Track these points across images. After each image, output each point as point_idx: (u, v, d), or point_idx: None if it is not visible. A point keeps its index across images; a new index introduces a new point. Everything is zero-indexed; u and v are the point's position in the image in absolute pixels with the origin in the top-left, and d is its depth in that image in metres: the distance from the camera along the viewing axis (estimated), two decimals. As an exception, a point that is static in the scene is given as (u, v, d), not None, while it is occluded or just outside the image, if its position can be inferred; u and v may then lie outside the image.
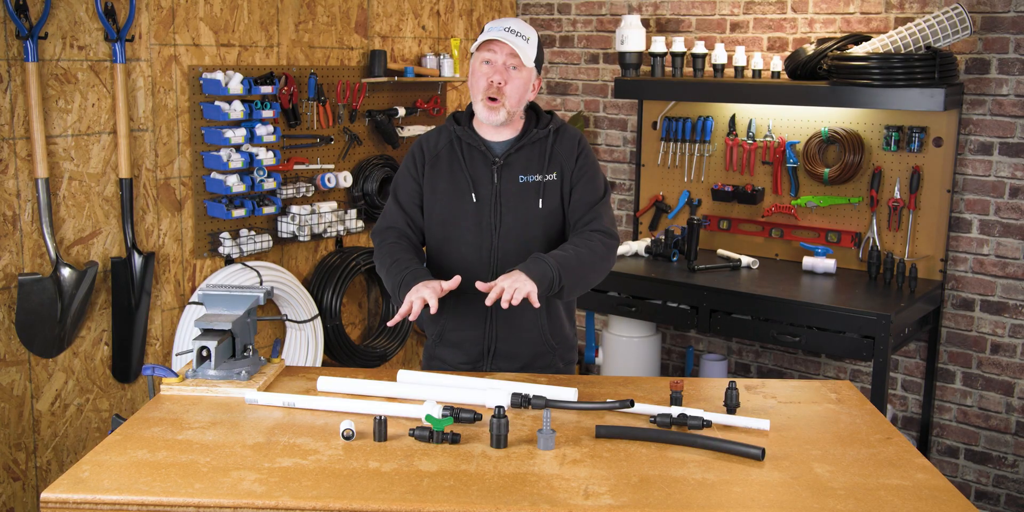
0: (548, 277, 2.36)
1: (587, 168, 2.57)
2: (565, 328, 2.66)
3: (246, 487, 1.80)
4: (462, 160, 2.55)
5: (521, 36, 2.47)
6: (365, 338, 4.39)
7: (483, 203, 2.53)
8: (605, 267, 2.52)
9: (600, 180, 2.59)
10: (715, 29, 4.31)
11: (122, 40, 3.23)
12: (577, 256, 2.43)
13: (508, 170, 2.53)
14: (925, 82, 3.49)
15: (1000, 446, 3.84)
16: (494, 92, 2.46)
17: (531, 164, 2.54)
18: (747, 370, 4.48)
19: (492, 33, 2.46)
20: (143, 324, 3.42)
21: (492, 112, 2.48)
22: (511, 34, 2.46)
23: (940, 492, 1.85)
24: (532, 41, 2.50)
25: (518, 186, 2.53)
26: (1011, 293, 3.74)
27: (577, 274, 2.43)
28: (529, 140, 2.54)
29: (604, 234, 2.52)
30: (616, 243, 2.55)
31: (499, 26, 2.48)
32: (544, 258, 2.39)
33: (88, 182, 3.26)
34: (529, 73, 2.50)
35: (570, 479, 1.86)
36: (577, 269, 2.42)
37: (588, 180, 2.56)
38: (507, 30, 2.46)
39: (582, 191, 2.55)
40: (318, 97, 3.92)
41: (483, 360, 2.61)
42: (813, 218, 4.11)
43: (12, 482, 3.19)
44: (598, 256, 2.47)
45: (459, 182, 2.55)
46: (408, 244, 2.58)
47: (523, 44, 2.47)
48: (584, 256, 2.44)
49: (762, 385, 2.45)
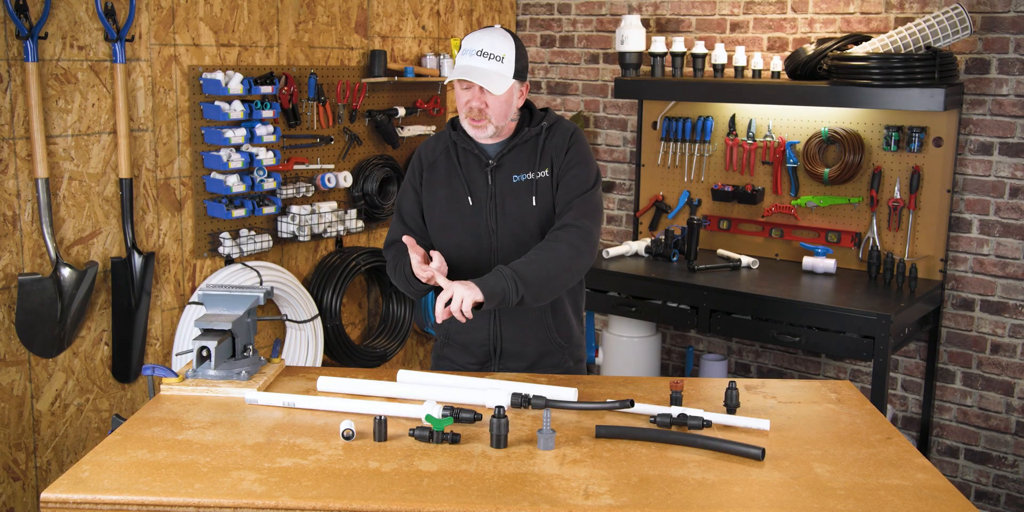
0: (500, 288, 2.32)
1: (575, 159, 2.52)
2: (572, 326, 2.66)
3: (246, 487, 1.80)
4: (458, 165, 2.56)
5: (495, 58, 2.43)
6: (365, 338, 4.39)
7: (479, 206, 2.54)
8: (576, 266, 2.46)
9: (590, 171, 2.54)
10: (715, 29, 4.31)
11: (122, 40, 3.23)
12: (542, 262, 2.39)
13: (501, 171, 2.53)
14: (925, 82, 3.49)
15: (1000, 446, 3.84)
16: (475, 114, 2.47)
17: (523, 163, 2.53)
18: (747, 370, 4.48)
19: (460, 68, 2.44)
20: (143, 324, 3.42)
21: (479, 130, 2.49)
22: (483, 59, 2.42)
23: (940, 492, 1.85)
24: (508, 57, 2.45)
25: (512, 186, 2.53)
26: (1011, 293, 3.74)
27: (541, 281, 2.38)
28: (521, 139, 2.53)
29: (573, 229, 2.46)
30: (586, 235, 2.47)
31: (472, 49, 2.44)
32: (502, 269, 2.36)
33: (88, 182, 3.26)
34: (509, 91, 2.46)
35: (570, 479, 1.86)
36: (541, 276, 2.38)
37: (574, 173, 2.52)
38: (480, 54, 2.43)
39: (566, 184, 2.52)
40: (318, 97, 3.92)
41: (491, 360, 2.62)
42: (813, 218, 4.11)
43: (12, 482, 3.19)
44: (565, 258, 2.42)
45: (455, 187, 2.56)
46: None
47: (496, 68, 2.43)
48: (549, 261, 2.40)
49: (762, 385, 2.45)
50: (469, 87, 2.46)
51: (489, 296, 2.31)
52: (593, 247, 2.50)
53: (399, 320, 4.37)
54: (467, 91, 2.47)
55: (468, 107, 2.47)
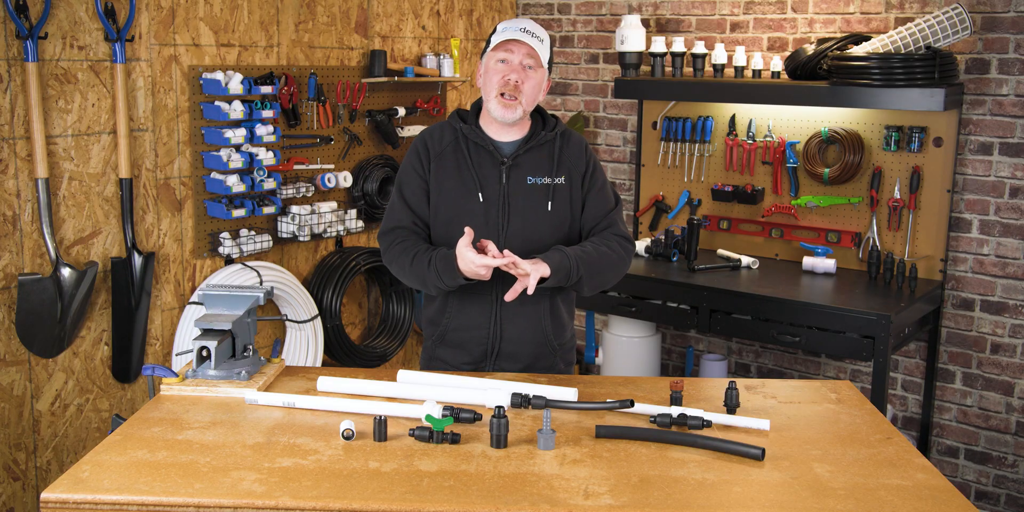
0: (565, 266, 2.40)
1: (598, 178, 2.61)
2: (567, 330, 2.67)
3: (246, 487, 1.80)
4: (468, 159, 2.52)
5: (536, 37, 2.49)
6: (365, 338, 4.39)
7: (490, 203, 2.51)
8: (622, 268, 2.57)
9: (610, 189, 2.65)
10: (715, 29, 4.31)
11: (122, 40, 3.23)
12: (597, 252, 2.48)
13: (516, 171, 2.53)
14: (925, 82, 3.49)
15: (1000, 446, 3.84)
16: (511, 89, 2.46)
17: (540, 166, 2.54)
18: (747, 370, 4.48)
19: (509, 33, 2.47)
20: (143, 324, 3.42)
21: (508, 110, 2.47)
22: (527, 35, 2.47)
23: (940, 492, 1.85)
24: (546, 43, 2.52)
25: (526, 187, 2.52)
26: (1011, 293, 3.74)
27: (595, 269, 2.47)
28: (537, 142, 2.54)
29: (622, 238, 2.57)
30: (633, 248, 2.60)
31: (515, 26, 2.49)
32: (563, 249, 2.44)
33: (88, 182, 3.26)
34: (543, 73, 2.52)
35: (570, 479, 1.86)
36: (596, 264, 2.47)
37: (600, 189, 2.60)
38: (523, 31, 2.47)
39: (595, 199, 2.59)
40: (318, 97, 3.92)
41: (486, 360, 2.59)
42: (813, 218, 4.11)
43: (12, 482, 3.19)
44: (616, 256, 2.52)
45: (466, 181, 2.52)
46: (421, 240, 2.54)
47: (539, 45, 2.49)
48: (604, 253, 2.49)
49: (762, 385, 2.45)
50: (507, 61, 2.47)
51: (555, 271, 2.38)
52: (631, 259, 2.62)
53: (399, 320, 4.37)
54: (504, 64, 2.47)
55: (505, 81, 2.46)
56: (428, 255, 2.43)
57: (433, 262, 2.40)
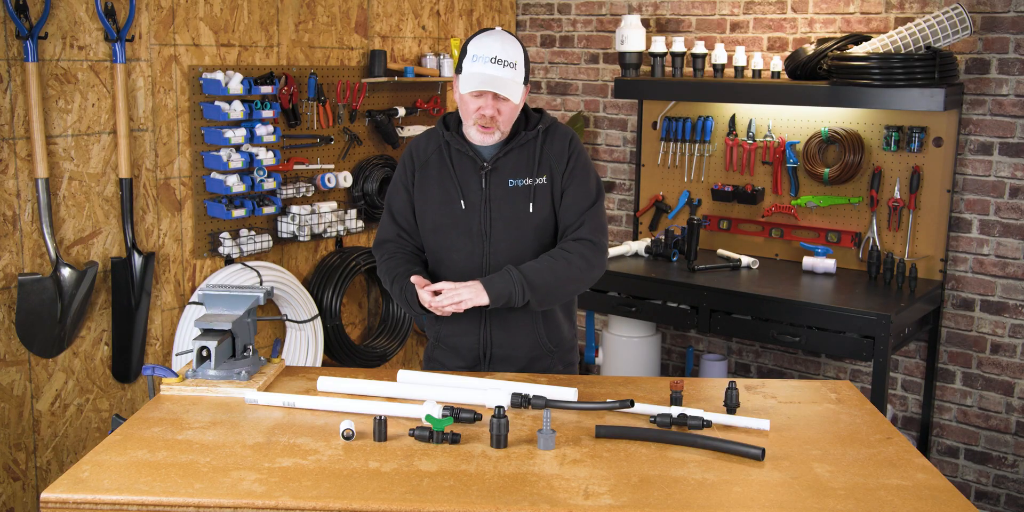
0: (507, 292, 2.38)
1: (578, 171, 2.51)
2: (563, 330, 2.64)
3: (246, 487, 1.81)
4: (451, 166, 2.52)
5: (508, 65, 2.39)
6: (365, 338, 4.39)
7: (472, 209, 2.50)
8: (586, 278, 2.49)
9: (592, 183, 2.54)
10: (715, 29, 4.31)
11: (122, 40, 3.23)
12: (552, 269, 2.42)
13: (496, 175, 2.50)
14: (925, 82, 3.49)
15: (1000, 446, 3.84)
16: (487, 122, 2.42)
17: (520, 168, 2.50)
18: (747, 370, 4.48)
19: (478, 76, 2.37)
20: (143, 324, 3.42)
21: (487, 135, 2.45)
22: (498, 66, 2.37)
23: (940, 492, 1.85)
24: (520, 64, 2.42)
25: (507, 191, 2.49)
26: (1011, 293, 3.74)
27: (549, 287, 2.42)
28: (518, 143, 2.49)
29: (588, 243, 2.48)
30: (601, 251, 2.50)
31: (485, 56, 2.38)
32: (511, 271, 2.40)
33: (88, 182, 3.26)
34: (521, 94, 2.44)
35: (570, 479, 1.86)
36: (550, 283, 2.42)
37: (579, 184, 2.51)
38: (494, 61, 2.37)
39: (573, 195, 2.51)
40: (318, 97, 3.92)
41: (480, 364, 2.60)
42: (813, 218, 4.11)
43: (12, 482, 3.19)
44: (576, 269, 2.45)
45: (448, 188, 2.52)
46: (404, 256, 2.60)
47: (511, 76, 2.39)
48: (560, 269, 2.43)
49: (762, 385, 2.45)
50: (482, 95, 2.40)
51: (495, 299, 2.38)
52: (604, 261, 2.54)
53: (399, 320, 4.37)
54: (479, 99, 2.41)
55: (480, 115, 2.42)
56: (402, 282, 2.52)
57: (404, 291, 2.51)
